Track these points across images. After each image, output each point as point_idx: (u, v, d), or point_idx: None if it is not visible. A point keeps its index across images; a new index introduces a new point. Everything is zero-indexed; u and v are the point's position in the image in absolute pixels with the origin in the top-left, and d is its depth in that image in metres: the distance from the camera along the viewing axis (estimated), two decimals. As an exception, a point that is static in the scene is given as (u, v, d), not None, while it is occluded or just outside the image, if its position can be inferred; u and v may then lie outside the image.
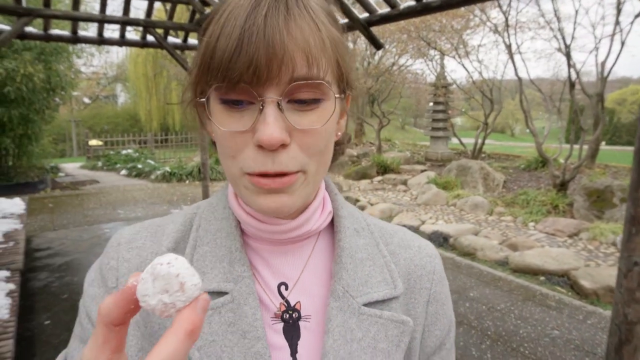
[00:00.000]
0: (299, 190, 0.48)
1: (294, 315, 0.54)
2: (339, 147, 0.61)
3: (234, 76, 0.42)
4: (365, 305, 0.54)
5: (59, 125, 19.14)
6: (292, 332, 0.54)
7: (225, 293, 0.52)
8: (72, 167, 15.15)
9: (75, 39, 6.05)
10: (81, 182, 11.61)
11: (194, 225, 0.57)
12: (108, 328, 0.32)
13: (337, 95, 0.48)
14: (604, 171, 9.09)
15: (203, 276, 0.52)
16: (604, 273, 4.41)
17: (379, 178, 10.46)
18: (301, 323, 0.54)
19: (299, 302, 0.55)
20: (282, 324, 0.54)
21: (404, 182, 9.89)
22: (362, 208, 7.81)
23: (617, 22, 8.12)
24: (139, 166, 13.31)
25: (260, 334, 0.50)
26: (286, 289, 0.55)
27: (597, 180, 6.99)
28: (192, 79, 0.48)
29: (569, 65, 8.09)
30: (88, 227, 6.97)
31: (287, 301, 0.55)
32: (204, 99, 0.47)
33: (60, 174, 12.73)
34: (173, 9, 6.30)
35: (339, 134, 0.56)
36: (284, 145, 0.45)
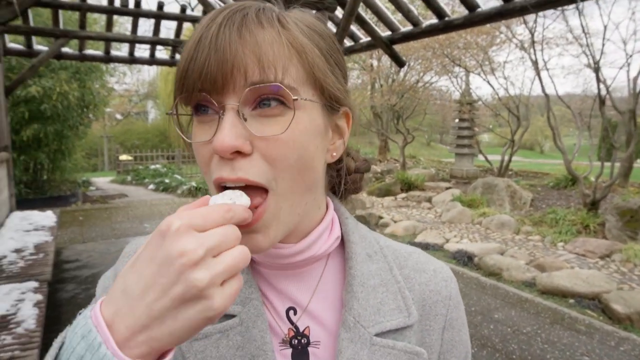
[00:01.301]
0: (274, 225, 0.46)
1: (302, 341, 0.53)
2: (356, 175, 0.59)
3: (189, 84, 0.44)
4: (378, 335, 0.52)
5: (92, 141, 19.81)
6: (300, 358, 0.52)
7: (234, 316, 0.51)
8: (102, 181, 15.60)
9: (108, 59, 6.31)
10: (110, 195, 11.93)
11: None
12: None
13: (304, 98, 0.46)
14: (638, 190, 8.76)
15: None
16: (638, 297, 4.21)
17: (403, 195, 10.36)
18: (310, 349, 0.53)
19: (307, 327, 0.54)
20: (290, 349, 0.52)
21: (429, 200, 9.76)
22: (386, 225, 7.74)
23: (650, 37, 7.90)
24: (166, 181, 13.60)
25: (270, 358, 0.49)
26: (295, 313, 0.54)
27: (631, 199, 6.73)
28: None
29: (598, 81, 7.90)
30: (115, 240, 7.14)
31: (295, 327, 0.53)
32: (171, 112, 0.48)
33: (92, 188, 13.11)
34: (201, 29, 6.51)
35: (334, 154, 0.53)
36: (242, 154, 0.44)
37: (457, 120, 12.42)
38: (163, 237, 0.36)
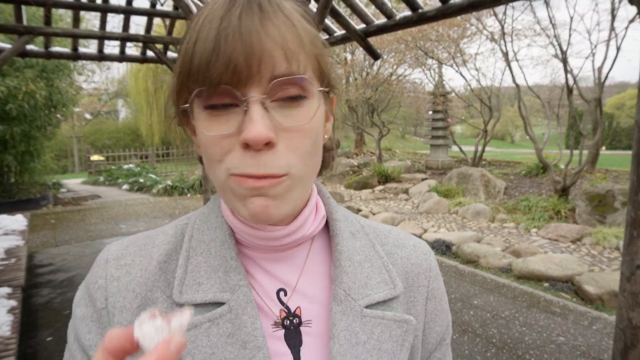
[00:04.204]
0: (284, 195, 0.46)
1: (294, 321, 0.54)
2: (329, 153, 0.60)
3: (214, 77, 0.42)
4: (367, 307, 0.54)
5: (61, 142, 19.24)
6: (293, 338, 0.53)
7: (222, 303, 0.51)
8: (74, 183, 15.18)
9: (76, 56, 6.12)
10: (83, 197, 11.63)
11: (186, 236, 0.56)
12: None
13: (320, 89, 0.49)
14: (605, 176, 9.08)
15: (198, 287, 0.51)
16: (608, 278, 4.38)
17: (380, 187, 10.46)
18: (302, 328, 0.54)
19: (298, 307, 0.54)
20: (283, 330, 0.53)
21: (406, 191, 9.89)
22: (365, 217, 7.79)
23: (612, 28, 8.18)
24: (141, 180, 13.35)
25: (261, 344, 0.50)
26: (285, 294, 0.54)
27: (598, 184, 6.98)
28: (172, 90, 0.48)
29: (566, 71, 8.14)
30: (90, 242, 6.97)
31: (287, 307, 0.54)
32: (186, 106, 0.46)
33: (62, 190, 12.75)
34: (172, 25, 6.37)
35: (326, 137, 0.55)
36: (270, 145, 0.44)
37: (430, 112, 12.59)
38: None
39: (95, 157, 17.67)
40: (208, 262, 0.53)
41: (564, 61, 8.14)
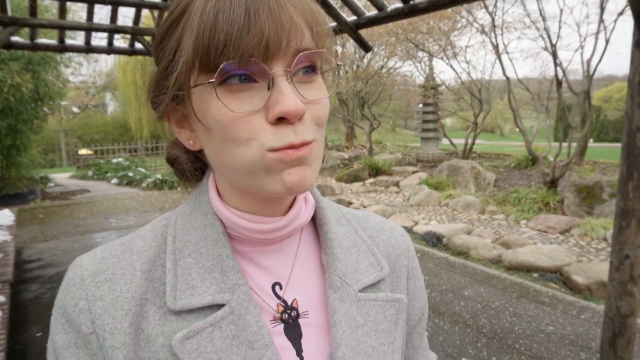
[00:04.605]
0: (315, 162, 0.47)
1: (292, 314, 0.53)
2: None
3: (246, 50, 0.41)
4: (360, 291, 0.55)
5: (48, 136, 18.98)
6: (293, 331, 0.52)
7: (222, 305, 0.49)
8: (62, 177, 15.00)
9: (62, 48, 6.01)
10: (71, 191, 11.50)
11: (169, 238, 0.52)
12: None
13: (339, 63, 0.50)
14: (593, 168, 9.19)
15: (193, 291, 0.48)
16: (595, 268, 4.45)
17: (371, 180, 10.48)
18: (301, 320, 0.53)
19: (295, 299, 0.54)
20: (282, 325, 0.52)
21: (396, 184, 9.92)
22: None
23: (601, 21, 8.24)
24: (130, 174, 13.23)
25: (268, 341, 0.48)
26: (280, 288, 0.54)
27: (587, 176, 7.06)
28: (180, 69, 0.44)
29: (556, 64, 8.19)
30: (79, 237, 6.90)
31: (284, 301, 0.53)
32: (212, 81, 0.42)
33: (50, 184, 12.60)
34: (160, 16, 6.28)
35: None
36: (301, 117, 0.44)
37: (421, 105, 12.62)
38: None
39: (83, 151, 17.48)
40: (199, 263, 0.50)
41: (554, 54, 8.19)
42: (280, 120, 0.43)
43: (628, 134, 2.01)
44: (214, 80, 0.42)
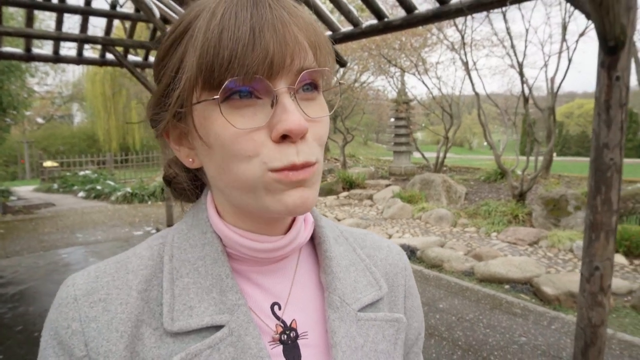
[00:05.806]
0: (315, 184, 0.46)
1: (291, 334, 0.52)
2: None
3: (251, 67, 0.41)
4: (359, 310, 0.54)
5: (10, 147, 18.29)
6: (292, 353, 0.51)
7: (221, 326, 0.47)
8: (25, 191, 14.42)
9: (29, 57, 5.84)
10: (35, 205, 11.05)
11: (166, 257, 0.50)
12: None
13: (340, 82, 0.50)
14: (558, 181, 9.52)
15: (191, 311, 0.47)
16: (564, 279, 4.58)
17: (345, 193, 10.53)
18: (300, 341, 0.52)
19: (294, 320, 0.53)
20: (280, 346, 0.51)
21: (370, 197, 10.00)
22: (330, 224, 7.82)
23: (564, 40, 8.63)
24: (98, 187, 12.85)
25: None
26: (279, 308, 0.53)
27: (553, 189, 7.30)
28: (182, 86, 0.44)
29: (522, 81, 8.50)
30: (44, 252, 6.62)
31: (282, 321, 0.52)
32: (216, 97, 0.42)
33: (12, 198, 12.07)
34: (133, 27, 6.19)
35: None
36: (303, 136, 0.44)
37: (393, 119, 12.82)
38: None
39: (48, 163, 16.86)
40: (197, 282, 0.49)
41: (520, 71, 8.50)
42: (283, 138, 0.43)
43: (595, 150, 2.09)
44: (217, 96, 0.42)
